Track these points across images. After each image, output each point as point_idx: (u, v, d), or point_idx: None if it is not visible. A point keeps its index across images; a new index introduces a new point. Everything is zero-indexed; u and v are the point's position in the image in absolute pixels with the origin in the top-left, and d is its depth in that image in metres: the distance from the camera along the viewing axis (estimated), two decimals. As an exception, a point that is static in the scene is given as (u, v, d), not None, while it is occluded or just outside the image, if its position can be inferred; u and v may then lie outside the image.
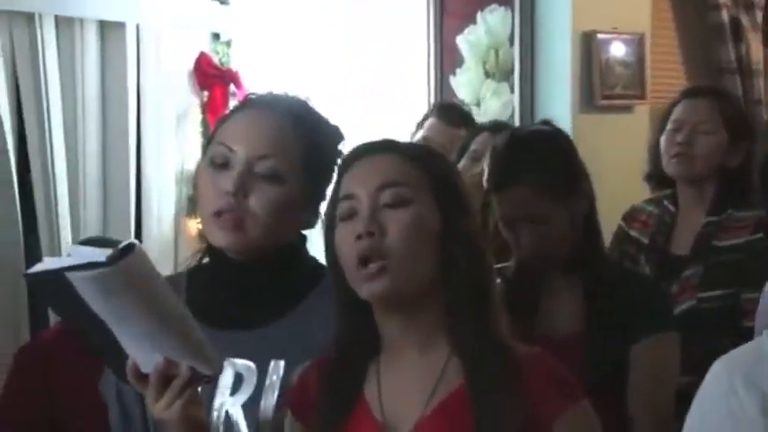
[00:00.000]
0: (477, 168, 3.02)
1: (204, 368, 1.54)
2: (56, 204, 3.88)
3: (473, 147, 3.25)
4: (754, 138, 3.09)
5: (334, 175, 1.79)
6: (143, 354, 1.55)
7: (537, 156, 2.35)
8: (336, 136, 1.86)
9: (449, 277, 1.58)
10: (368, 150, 1.67)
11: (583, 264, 2.32)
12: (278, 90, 1.93)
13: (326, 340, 1.74)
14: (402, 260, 1.55)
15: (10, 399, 3.23)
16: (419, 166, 1.61)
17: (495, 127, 3.42)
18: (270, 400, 1.75)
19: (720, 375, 1.50)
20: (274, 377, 1.76)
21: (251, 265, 1.81)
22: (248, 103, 1.95)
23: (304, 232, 1.90)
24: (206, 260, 1.92)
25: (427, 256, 1.57)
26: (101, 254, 1.42)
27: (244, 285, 1.82)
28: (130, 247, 1.44)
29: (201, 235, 2.44)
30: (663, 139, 2.98)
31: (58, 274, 1.45)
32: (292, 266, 1.87)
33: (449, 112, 3.74)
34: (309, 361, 1.74)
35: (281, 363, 1.76)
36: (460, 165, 3.10)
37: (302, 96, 1.90)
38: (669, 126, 3.01)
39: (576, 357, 2.16)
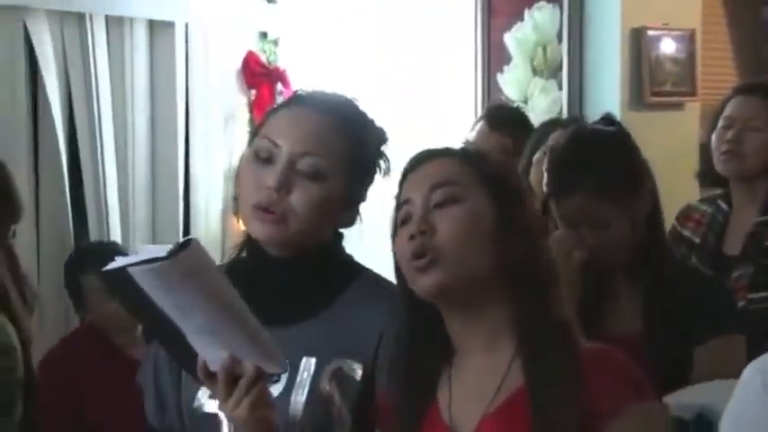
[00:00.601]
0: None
1: (270, 366, 1.55)
2: (105, 201, 3.99)
3: (549, 142, 3.13)
4: None
5: (376, 177, 1.82)
6: (210, 351, 1.56)
7: (596, 159, 2.31)
8: (380, 137, 1.85)
9: (508, 272, 1.57)
10: (422, 157, 1.66)
11: (644, 264, 2.27)
12: (326, 89, 1.91)
13: (360, 338, 1.76)
14: (453, 255, 1.53)
15: (43, 395, 3.23)
16: (470, 165, 1.61)
17: (570, 123, 3.36)
18: (299, 397, 1.74)
19: (754, 376, 1.50)
20: (305, 374, 1.75)
21: (288, 261, 1.80)
22: (296, 99, 1.93)
23: (341, 230, 1.89)
24: (244, 254, 1.92)
25: (481, 251, 1.55)
26: (162, 249, 1.43)
27: (280, 282, 1.82)
28: (189, 241, 1.47)
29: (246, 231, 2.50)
30: (714, 137, 2.95)
31: (123, 271, 1.46)
32: (328, 264, 1.86)
33: (497, 120, 3.68)
34: (351, 363, 1.75)
35: (313, 360, 1.75)
36: (535, 157, 3.07)
37: (350, 96, 1.88)
38: (720, 123, 2.97)
39: (637, 357, 1.95)
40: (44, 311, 3.81)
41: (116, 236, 3.99)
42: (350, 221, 1.85)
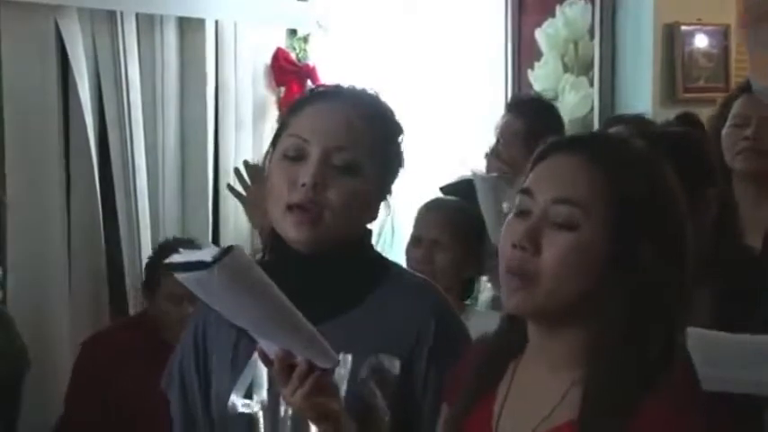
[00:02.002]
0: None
1: (320, 360, 1.54)
2: (135, 198, 3.94)
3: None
4: None
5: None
6: (265, 343, 1.57)
7: (665, 157, 2.30)
8: (400, 130, 1.83)
9: (606, 306, 1.46)
10: (562, 147, 1.54)
11: (713, 272, 2.14)
12: (347, 83, 1.86)
13: (396, 334, 1.74)
14: (548, 285, 1.45)
15: (78, 383, 3.30)
16: (606, 179, 1.47)
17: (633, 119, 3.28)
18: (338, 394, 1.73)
19: None
20: (342, 371, 1.71)
21: (320, 258, 1.76)
22: (318, 95, 1.88)
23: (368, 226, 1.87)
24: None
25: (582, 283, 1.46)
26: (209, 253, 1.43)
27: (312, 279, 1.78)
28: (230, 249, 1.43)
29: (262, 228, 2.42)
30: (725, 135, 2.90)
31: (174, 270, 1.48)
32: (360, 260, 1.84)
33: (513, 103, 3.65)
34: (385, 358, 1.74)
35: (349, 357, 1.73)
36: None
37: (370, 89, 1.85)
38: (732, 122, 2.93)
39: None
40: (75, 304, 3.85)
41: (146, 232, 3.97)
42: (374, 216, 1.83)
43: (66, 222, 3.83)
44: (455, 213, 2.81)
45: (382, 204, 1.84)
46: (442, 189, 3.13)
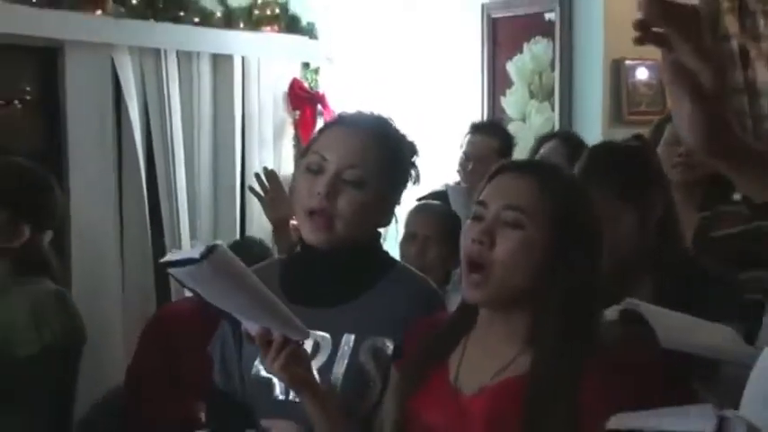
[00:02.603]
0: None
1: (293, 335, 1.59)
2: (176, 207, 4.11)
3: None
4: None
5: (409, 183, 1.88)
6: (249, 324, 1.62)
7: (617, 165, 2.35)
8: (412, 150, 1.91)
9: (543, 297, 1.58)
10: (510, 168, 1.68)
11: (655, 266, 2.27)
12: (364, 110, 1.97)
13: (392, 320, 1.79)
14: (500, 273, 1.55)
15: (140, 355, 3.39)
16: (546, 195, 1.60)
17: (557, 135, 3.57)
18: (340, 367, 1.80)
19: None
20: (345, 348, 1.80)
21: (334, 254, 1.83)
22: (340, 120, 1.98)
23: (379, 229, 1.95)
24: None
25: (525, 275, 1.57)
26: (196, 251, 1.48)
27: (326, 271, 1.85)
28: (215, 247, 1.49)
29: (295, 229, 2.43)
30: (662, 151, 2.95)
31: (168, 267, 1.53)
32: (368, 258, 1.90)
33: (481, 128, 3.75)
34: (382, 341, 1.80)
35: (352, 336, 1.81)
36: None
37: (385, 115, 1.93)
38: (667, 140, 3.01)
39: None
40: (127, 297, 3.96)
41: (185, 236, 4.13)
42: (387, 221, 1.89)
43: (119, 228, 3.94)
44: (442, 214, 2.82)
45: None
46: (418, 200, 3.12)
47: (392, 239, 2.93)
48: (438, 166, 4.35)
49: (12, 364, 2.19)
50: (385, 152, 1.84)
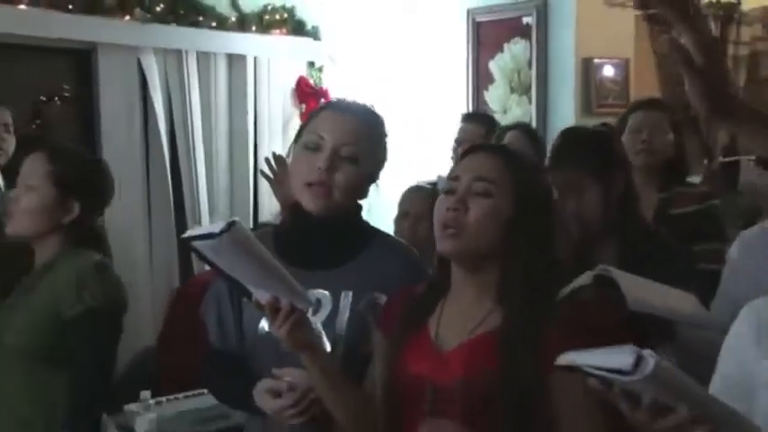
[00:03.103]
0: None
1: (299, 303, 1.62)
2: (197, 191, 4.24)
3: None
4: (684, 135, 3.19)
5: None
6: (259, 293, 1.63)
7: (582, 142, 2.41)
8: (385, 133, 1.95)
9: (508, 256, 1.62)
10: (480, 148, 1.73)
11: (618, 235, 2.29)
12: (352, 98, 2.00)
13: (382, 283, 1.82)
14: (472, 234, 1.60)
15: (170, 320, 3.48)
16: (510, 170, 1.64)
17: (518, 126, 3.56)
18: (342, 320, 1.83)
19: (745, 308, 1.54)
20: (345, 302, 1.83)
21: (330, 221, 1.87)
22: (332, 105, 2.02)
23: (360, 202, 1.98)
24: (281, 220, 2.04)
25: (493, 236, 1.61)
26: (217, 227, 1.49)
27: (323, 237, 1.88)
28: (233, 222, 1.50)
29: (284, 202, 2.42)
30: (626, 139, 3.00)
31: (190, 243, 1.54)
32: (355, 225, 1.94)
33: (472, 117, 3.85)
34: (375, 296, 1.81)
35: (350, 293, 1.84)
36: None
37: (369, 104, 1.97)
38: (631, 129, 3.07)
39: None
40: (154, 270, 4.08)
41: (205, 217, 4.25)
42: (366, 194, 1.93)
43: (147, 213, 4.07)
44: (433, 195, 2.73)
45: (372, 186, 1.94)
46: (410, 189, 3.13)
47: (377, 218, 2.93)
48: (429, 152, 4.25)
49: (59, 324, 2.22)
50: (373, 134, 1.90)
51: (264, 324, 1.83)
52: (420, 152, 4.28)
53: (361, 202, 1.98)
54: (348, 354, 1.80)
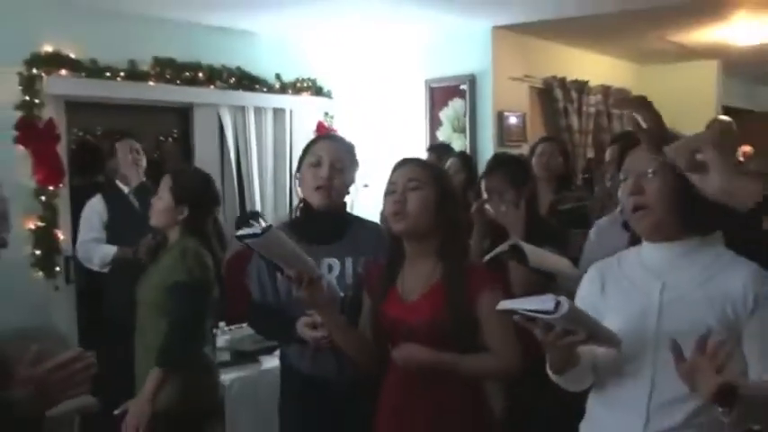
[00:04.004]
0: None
1: (315, 274, 1.68)
2: (253, 201, 4.62)
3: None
4: (570, 159, 3.57)
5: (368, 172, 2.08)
6: (289, 270, 1.67)
7: (506, 163, 2.51)
8: (355, 154, 2.05)
9: (441, 228, 1.69)
10: (404, 162, 1.78)
11: (525, 225, 2.33)
12: (340, 134, 2.17)
13: (367, 251, 1.91)
14: (413, 217, 1.67)
15: (229, 277, 3.11)
16: (428, 172, 1.73)
17: (455, 153, 3.87)
18: (349, 275, 1.93)
19: (592, 267, 1.61)
20: (348, 265, 1.93)
21: (330, 212, 1.95)
22: (323, 136, 2.16)
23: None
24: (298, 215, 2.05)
25: (428, 216, 1.68)
26: (258, 228, 1.55)
27: (324, 223, 1.95)
28: (270, 226, 1.56)
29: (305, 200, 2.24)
30: (535, 162, 3.25)
31: (242, 239, 1.58)
32: (343, 215, 2.03)
33: (438, 149, 4.24)
34: (365, 259, 1.89)
35: (350, 258, 1.93)
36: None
37: (347, 138, 2.09)
38: (538, 155, 3.30)
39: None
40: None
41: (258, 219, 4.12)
42: (348, 194, 2.03)
43: (223, 211, 3.63)
44: None
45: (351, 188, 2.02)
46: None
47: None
48: None
49: (165, 289, 2.29)
50: (350, 153, 2.01)
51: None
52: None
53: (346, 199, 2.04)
54: (354, 297, 1.87)
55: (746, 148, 4.84)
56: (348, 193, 2.00)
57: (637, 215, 1.45)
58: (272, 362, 3.08)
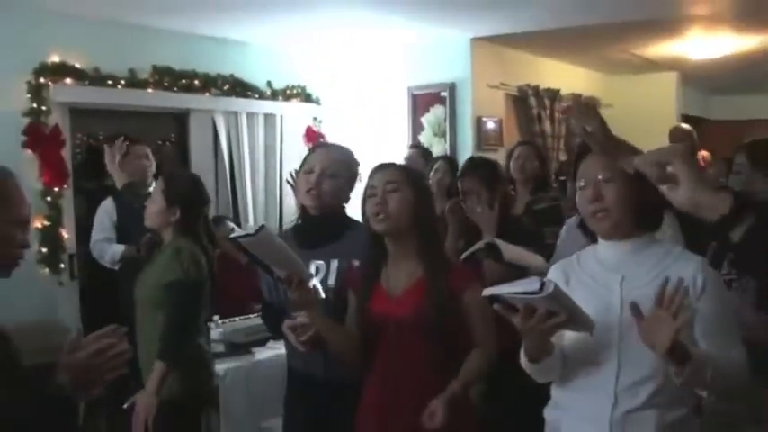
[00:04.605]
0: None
1: (304, 276, 1.67)
2: (245, 205, 4.63)
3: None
4: (546, 162, 3.50)
5: (363, 178, 1.86)
6: (280, 271, 1.66)
7: (481, 166, 2.57)
8: (357, 163, 2.04)
9: (418, 226, 1.71)
10: (381, 167, 1.79)
11: (499, 223, 2.37)
12: (337, 139, 2.09)
13: (356, 253, 1.85)
14: (393, 217, 1.68)
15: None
16: (405, 175, 1.74)
17: (440, 158, 3.73)
18: (332, 278, 1.90)
19: (554, 265, 1.64)
20: (334, 268, 1.90)
21: (322, 217, 1.94)
22: (319, 144, 2.19)
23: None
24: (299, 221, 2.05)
25: (407, 216, 1.69)
26: (252, 229, 1.54)
27: (318, 227, 1.93)
28: (263, 227, 1.56)
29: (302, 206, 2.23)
30: (512, 165, 3.29)
31: (236, 241, 1.57)
32: (339, 220, 1.99)
33: (421, 148, 4.34)
34: (352, 262, 1.85)
35: (336, 261, 1.90)
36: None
37: (343, 144, 2.08)
38: (515, 158, 3.28)
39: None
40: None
41: (251, 217, 4.58)
42: (347, 200, 2.00)
43: (216, 208, 4.31)
44: None
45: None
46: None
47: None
48: None
49: (161, 286, 2.29)
50: (345, 160, 2.00)
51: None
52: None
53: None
54: (336, 298, 1.85)
55: (705, 153, 4.90)
56: (348, 199, 2.00)
57: (596, 218, 1.51)
58: (264, 353, 3.12)
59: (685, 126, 4.37)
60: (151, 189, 3.29)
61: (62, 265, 3.76)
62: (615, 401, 1.44)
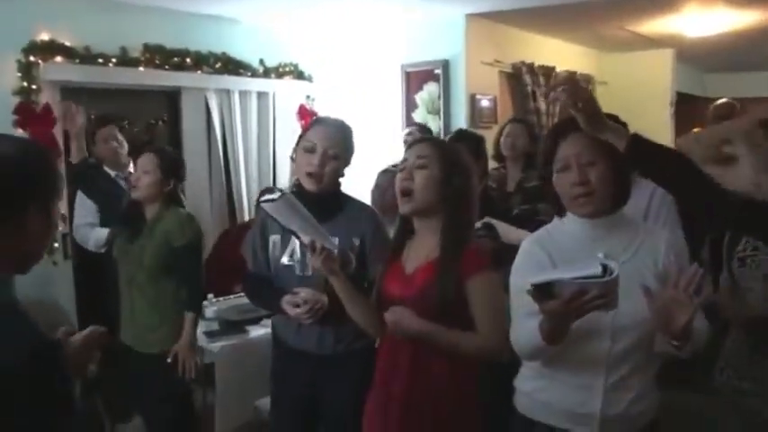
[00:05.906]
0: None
1: (328, 245, 1.68)
2: (239, 183, 4.64)
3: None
4: (537, 139, 3.31)
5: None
6: (305, 237, 1.68)
7: (464, 138, 2.65)
8: (353, 138, 2.02)
9: (445, 206, 1.65)
10: (420, 140, 1.77)
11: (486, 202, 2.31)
12: (333, 115, 2.05)
13: (354, 231, 1.90)
14: (418, 196, 1.65)
15: (217, 248, 3.78)
16: (437, 150, 1.68)
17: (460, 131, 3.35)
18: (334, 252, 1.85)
19: (529, 243, 1.59)
20: (336, 242, 1.88)
21: (321, 195, 1.94)
22: (319, 120, 2.04)
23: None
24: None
25: (433, 195, 1.64)
26: (275, 195, 1.58)
27: (318, 204, 1.90)
28: (284, 194, 1.62)
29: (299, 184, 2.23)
30: (502, 141, 3.33)
31: (260, 204, 1.62)
32: (337, 197, 2.01)
33: (423, 128, 4.33)
34: (353, 240, 1.88)
35: (336, 239, 1.89)
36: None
37: (341, 119, 2.04)
38: (505, 135, 3.34)
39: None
40: (214, 225, 4.41)
41: (244, 195, 4.59)
42: (343, 175, 2.00)
43: (209, 194, 4.43)
44: (395, 174, 1.91)
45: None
46: (381, 172, 3.00)
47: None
48: (378, 149, 4.65)
49: (171, 250, 2.46)
50: (346, 137, 1.99)
51: (285, 259, 1.90)
52: (372, 150, 4.46)
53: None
54: (351, 283, 1.79)
55: (698, 131, 4.75)
56: (342, 175, 1.98)
57: (579, 201, 1.52)
58: (258, 331, 3.14)
59: (727, 100, 4.22)
60: (131, 168, 3.39)
61: (56, 245, 3.75)
62: (606, 372, 1.50)
